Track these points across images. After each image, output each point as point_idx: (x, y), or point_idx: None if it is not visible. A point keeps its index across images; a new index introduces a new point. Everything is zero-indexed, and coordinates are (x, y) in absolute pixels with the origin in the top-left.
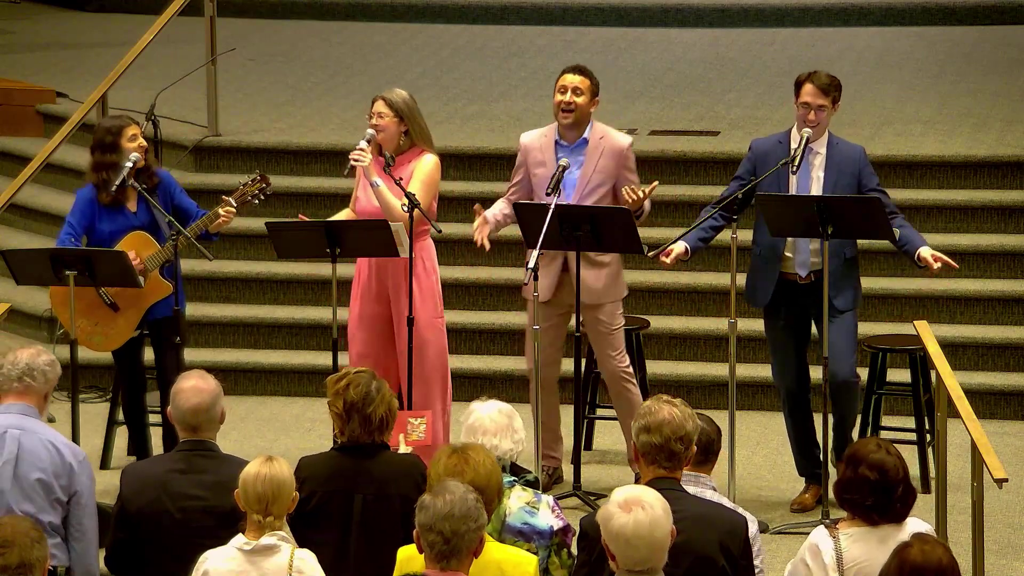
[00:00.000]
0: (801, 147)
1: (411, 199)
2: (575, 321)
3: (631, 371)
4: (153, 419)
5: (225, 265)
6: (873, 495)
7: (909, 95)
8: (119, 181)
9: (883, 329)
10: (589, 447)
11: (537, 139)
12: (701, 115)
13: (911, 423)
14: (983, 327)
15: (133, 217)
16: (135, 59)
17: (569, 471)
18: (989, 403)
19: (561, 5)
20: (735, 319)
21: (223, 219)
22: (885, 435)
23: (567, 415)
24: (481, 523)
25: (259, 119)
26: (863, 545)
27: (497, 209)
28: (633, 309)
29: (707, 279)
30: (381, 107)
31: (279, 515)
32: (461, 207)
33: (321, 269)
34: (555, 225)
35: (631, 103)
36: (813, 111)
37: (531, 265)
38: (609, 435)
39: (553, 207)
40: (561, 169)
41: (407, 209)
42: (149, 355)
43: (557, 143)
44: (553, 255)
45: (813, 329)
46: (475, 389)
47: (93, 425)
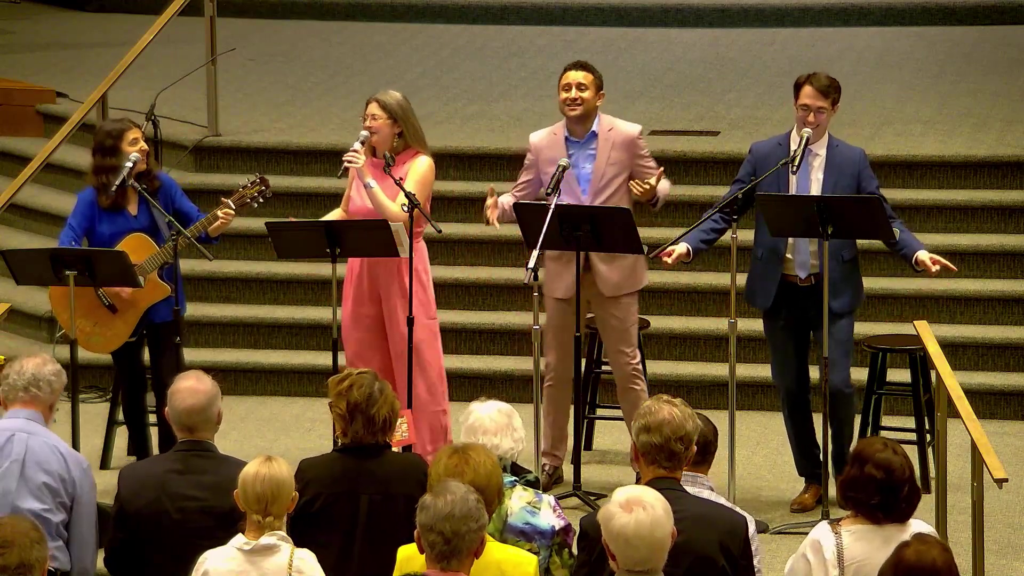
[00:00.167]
0: (801, 147)
1: (411, 199)
2: (576, 322)
3: (641, 369)
4: (153, 419)
5: (225, 265)
6: (879, 494)
7: (909, 95)
8: (119, 182)
9: (883, 329)
10: (589, 447)
11: (546, 138)
12: (701, 115)
13: (911, 423)
14: (983, 327)
15: (133, 220)
16: (135, 59)
17: (569, 471)
18: (989, 403)
19: (561, 5)
20: (735, 319)
21: (221, 221)
22: (885, 435)
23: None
24: (482, 523)
25: (259, 119)
26: (865, 543)
27: (505, 200)
28: None
29: (707, 279)
30: (375, 109)
31: (279, 515)
32: (461, 207)
33: (321, 269)
34: (555, 225)
35: (631, 103)
36: (813, 113)
37: (531, 265)
38: (609, 435)
39: (553, 207)
40: (561, 169)
41: (407, 209)
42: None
43: (567, 139)
44: (572, 252)
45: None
46: (475, 389)
47: (93, 425)
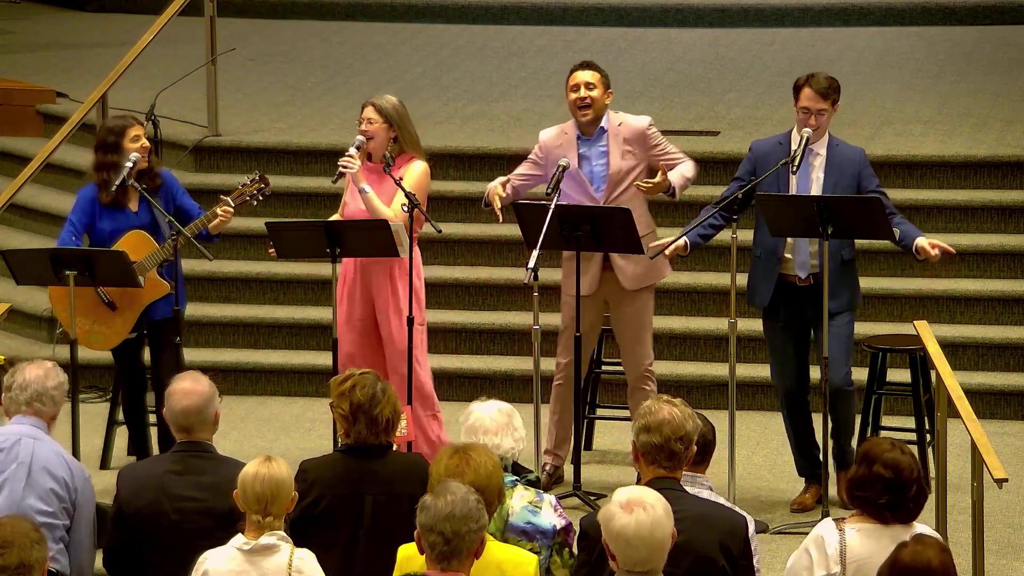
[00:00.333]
0: (801, 147)
1: (411, 199)
2: (576, 322)
3: (652, 371)
4: (153, 419)
5: (225, 265)
6: (887, 493)
7: (909, 95)
8: (119, 181)
9: (883, 329)
10: (589, 447)
11: (557, 136)
12: (701, 115)
13: (911, 423)
14: (983, 327)
15: (134, 217)
16: (135, 59)
17: (569, 471)
18: (989, 403)
19: (561, 5)
20: (735, 319)
21: (221, 219)
22: (885, 435)
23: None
24: (482, 524)
25: (259, 119)
26: (869, 542)
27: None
28: None
29: (707, 279)
30: (371, 113)
31: (278, 515)
32: (461, 207)
33: (321, 269)
34: (555, 225)
35: (631, 103)
36: (813, 115)
37: (531, 265)
38: (609, 435)
39: (553, 207)
40: (561, 169)
41: (407, 209)
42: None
43: (578, 138)
44: (589, 256)
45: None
46: (475, 389)
47: (93, 425)
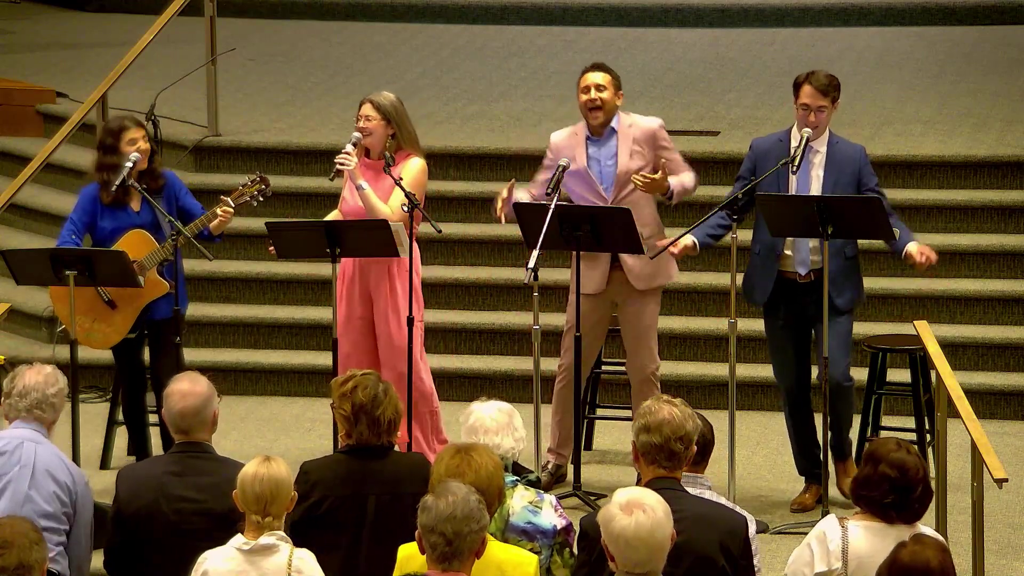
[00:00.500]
0: (801, 147)
1: (411, 198)
2: (576, 322)
3: (658, 375)
4: (153, 419)
5: (225, 265)
6: (893, 493)
7: (909, 95)
8: (119, 181)
9: (883, 329)
10: (589, 447)
11: (567, 138)
12: (701, 115)
13: (911, 423)
14: (983, 327)
15: (136, 216)
16: (135, 59)
17: (569, 471)
18: (989, 403)
19: (561, 5)
20: (735, 319)
21: (221, 219)
22: (885, 435)
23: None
24: (483, 524)
25: (259, 119)
26: (872, 540)
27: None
28: None
29: (707, 279)
30: (368, 110)
31: (277, 515)
32: (461, 207)
33: (321, 269)
34: (555, 225)
35: (631, 103)
36: (813, 112)
37: (531, 265)
38: (609, 435)
39: (553, 207)
40: (561, 169)
41: (407, 209)
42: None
43: (588, 138)
44: (598, 256)
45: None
46: (475, 389)
47: (93, 425)
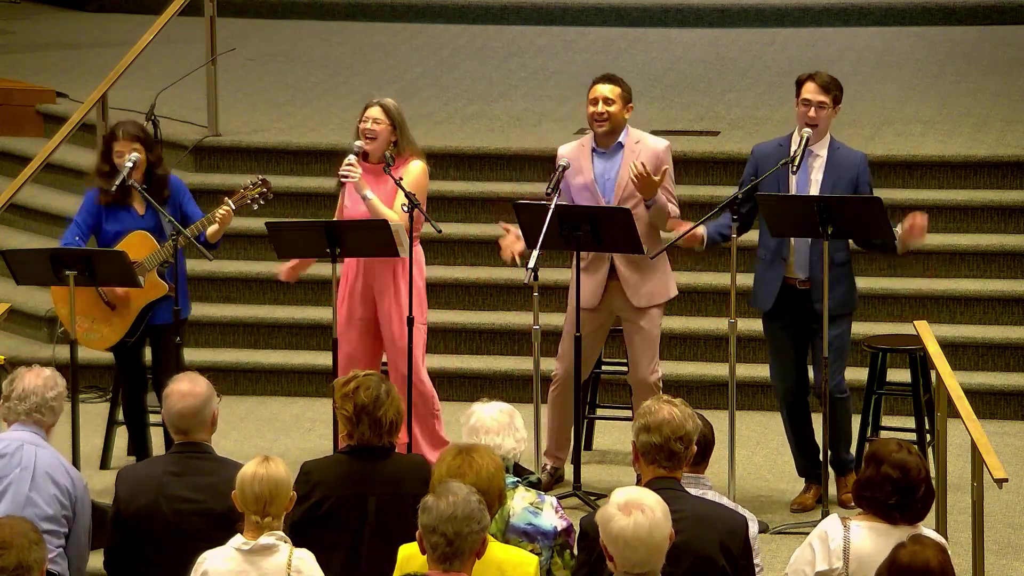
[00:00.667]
0: (801, 147)
1: (411, 199)
2: (577, 323)
3: (660, 384)
4: (154, 419)
5: (225, 265)
6: (896, 494)
7: (909, 95)
8: (118, 182)
9: (883, 329)
10: (589, 447)
11: (574, 150)
12: (701, 115)
13: (911, 423)
14: (983, 327)
15: (140, 219)
16: (135, 59)
17: (569, 471)
18: (989, 403)
19: (561, 5)
20: (735, 319)
21: (220, 219)
22: (885, 435)
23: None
24: (484, 524)
25: (259, 119)
26: (875, 540)
27: None
28: None
29: (707, 279)
30: (378, 113)
31: (277, 515)
32: (461, 207)
33: (321, 269)
34: (555, 225)
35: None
36: (813, 108)
37: (531, 265)
38: (609, 435)
39: (553, 207)
40: (561, 169)
41: (407, 209)
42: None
43: (594, 150)
44: (600, 261)
45: None
46: (475, 389)
47: (93, 425)
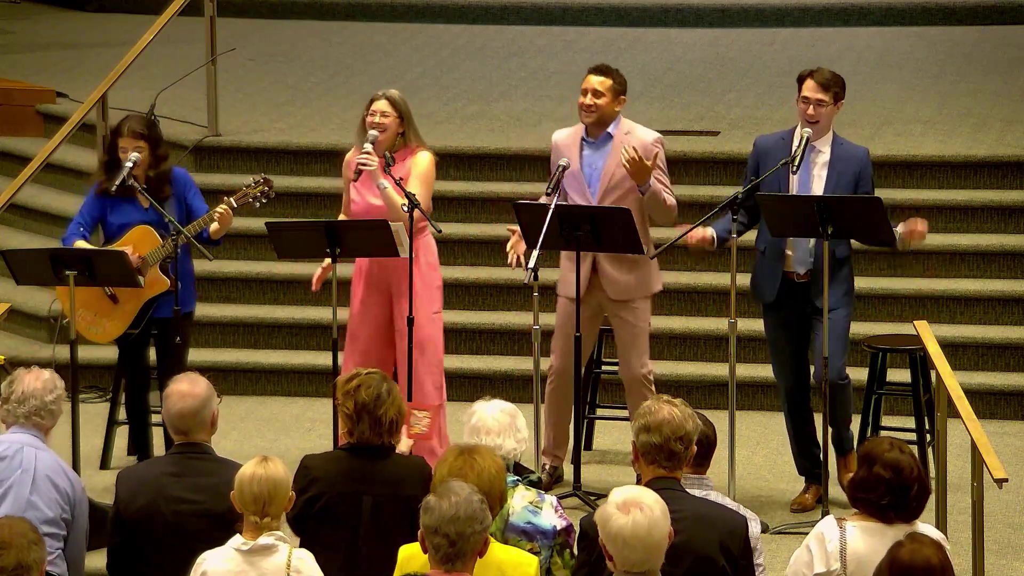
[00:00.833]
0: (801, 147)
1: (411, 199)
2: (576, 322)
3: (651, 377)
4: (155, 419)
5: (225, 265)
6: (890, 494)
7: (909, 95)
8: (119, 180)
9: (883, 329)
10: (589, 447)
11: (567, 137)
12: (701, 115)
13: (911, 423)
14: (983, 327)
15: (144, 212)
16: (135, 59)
17: (569, 471)
18: (989, 403)
19: (561, 5)
20: (735, 319)
21: (220, 219)
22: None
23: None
24: (486, 524)
25: (259, 119)
26: (871, 540)
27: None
28: None
29: (707, 279)
30: (385, 106)
31: (276, 515)
32: (461, 207)
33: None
34: (555, 225)
35: (631, 103)
36: (812, 106)
37: (531, 265)
38: (609, 435)
39: (553, 207)
40: (561, 169)
41: (407, 209)
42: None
43: (583, 140)
44: (583, 255)
45: None
46: (475, 389)
47: (93, 425)
